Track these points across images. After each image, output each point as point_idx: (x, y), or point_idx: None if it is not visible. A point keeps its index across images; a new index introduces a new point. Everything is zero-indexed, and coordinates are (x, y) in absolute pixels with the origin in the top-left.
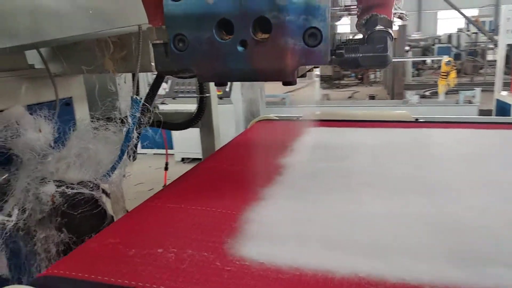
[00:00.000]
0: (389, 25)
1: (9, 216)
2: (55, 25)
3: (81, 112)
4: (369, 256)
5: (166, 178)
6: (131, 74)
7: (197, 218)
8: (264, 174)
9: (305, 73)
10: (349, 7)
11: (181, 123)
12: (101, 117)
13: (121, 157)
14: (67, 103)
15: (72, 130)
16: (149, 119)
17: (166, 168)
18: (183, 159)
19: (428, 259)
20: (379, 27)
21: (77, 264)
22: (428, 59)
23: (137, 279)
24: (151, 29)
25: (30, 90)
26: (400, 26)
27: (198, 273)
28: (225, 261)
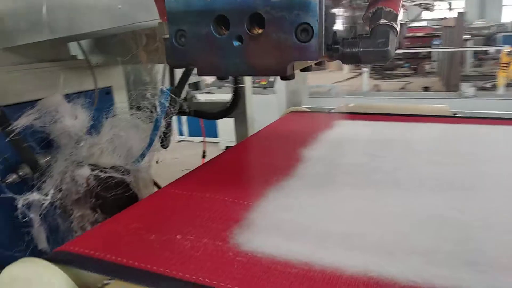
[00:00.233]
0: (394, 18)
1: (46, 195)
2: (87, 20)
3: (121, 100)
4: (380, 256)
5: None
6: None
7: (214, 207)
8: (282, 166)
9: (309, 66)
10: None
11: (216, 113)
12: (135, 106)
13: (150, 145)
14: (107, 92)
15: (106, 118)
16: (182, 108)
17: (203, 156)
18: (227, 147)
19: (444, 264)
20: (382, 21)
21: (94, 242)
22: (491, 49)
23: (152, 263)
24: (162, 25)
25: (72, 79)
26: (459, 13)
27: (209, 262)
28: (237, 252)
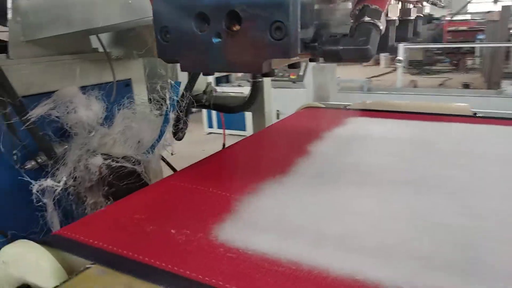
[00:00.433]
0: (377, 16)
1: (58, 182)
2: (102, 14)
3: (140, 92)
4: (371, 258)
5: None
6: None
7: (210, 200)
8: (283, 162)
9: (297, 63)
10: None
11: (234, 106)
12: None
13: (160, 137)
14: (127, 84)
15: (118, 109)
16: (201, 101)
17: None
18: None
19: (436, 270)
20: (366, 19)
21: (88, 229)
22: None
23: (144, 254)
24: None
25: (92, 71)
26: (503, 6)
27: (200, 257)
28: (229, 248)
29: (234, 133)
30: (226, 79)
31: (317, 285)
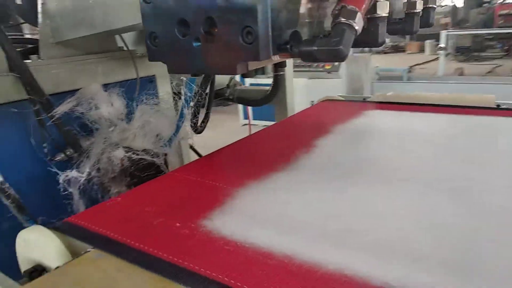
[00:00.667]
0: (352, 17)
1: (82, 173)
2: (119, 16)
3: (163, 88)
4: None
5: None
6: None
7: (212, 193)
8: (287, 156)
9: (283, 62)
10: None
11: (257, 99)
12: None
13: (177, 131)
14: (151, 80)
15: (137, 105)
16: (225, 95)
17: None
18: None
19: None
20: (341, 19)
21: (94, 217)
22: None
23: (151, 245)
24: None
25: (118, 69)
26: None
27: (201, 250)
28: (227, 241)
29: (267, 124)
30: (262, 71)
31: (305, 278)
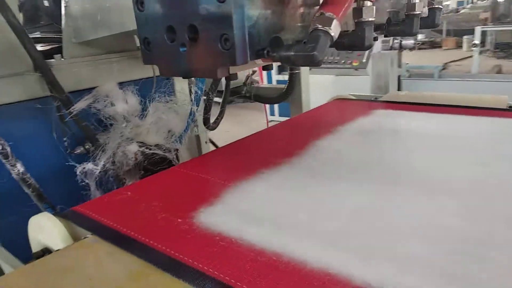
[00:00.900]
0: (328, 23)
1: (97, 165)
2: (133, 19)
3: (181, 86)
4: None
5: None
6: None
7: (211, 188)
8: (285, 154)
9: (270, 65)
10: None
11: (273, 97)
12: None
13: (187, 128)
14: (168, 78)
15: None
16: (242, 93)
17: None
18: None
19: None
20: (317, 26)
21: (97, 207)
22: None
23: (153, 239)
24: None
25: (137, 67)
26: None
27: (198, 245)
28: (223, 237)
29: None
30: (287, 68)
31: (292, 275)
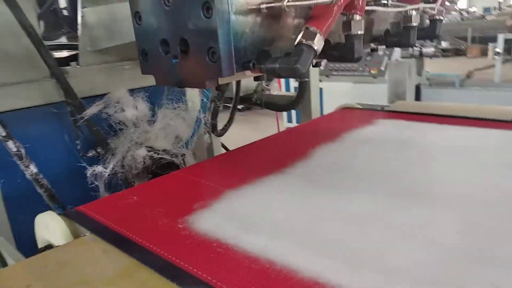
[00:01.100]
0: (311, 38)
1: (106, 168)
2: None
3: (192, 93)
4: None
5: None
6: None
7: (211, 194)
8: (282, 163)
9: (261, 76)
10: None
11: (283, 105)
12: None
13: (194, 134)
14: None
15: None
16: (253, 100)
17: None
18: None
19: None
20: (302, 40)
21: (99, 207)
22: None
23: (156, 244)
24: None
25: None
26: None
27: (195, 250)
28: (220, 243)
29: None
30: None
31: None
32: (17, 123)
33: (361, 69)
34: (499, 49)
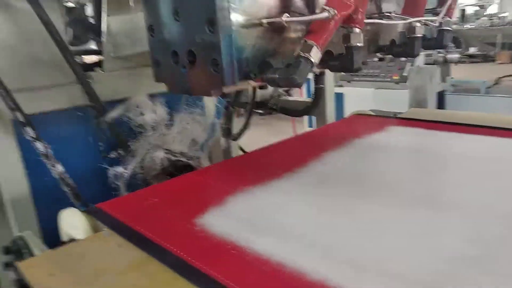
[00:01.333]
0: (308, 50)
1: (126, 169)
2: None
3: (207, 98)
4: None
5: None
6: None
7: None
8: (288, 168)
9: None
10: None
11: (299, 110)
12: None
13: (209, 139)
14: None
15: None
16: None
17: None
18: None
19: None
20: (300, 52)
21: (117, 205)
22: None
23: (167, 240)
24: None
25: None
26: None
27: (203, 248)
28: (231, 244)
29: None
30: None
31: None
32: (45, 125)
33: (383, 74)
34: None
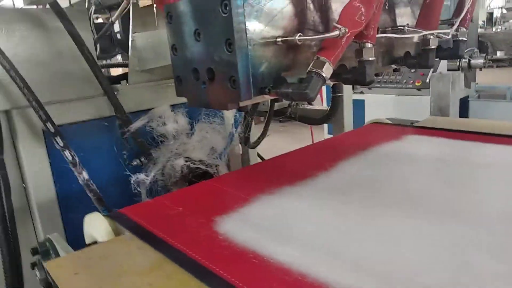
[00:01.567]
0: (320, 66)
1: (147, 176)
2: None
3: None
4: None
5: None
6: None
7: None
8: (302, 176)
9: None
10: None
11: (317, 118)
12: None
13: (227, 147)
14: None
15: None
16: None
17: None
18: None
19: None
20: (312, 68)
21: (139, 210)
22: None
23: (187, 246)
24: None
25: None
26: None
27: (215, 252)
28: (252, 252)
29: None
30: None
31: None
32: (73, 134)
33: (405, 81)
34: None
